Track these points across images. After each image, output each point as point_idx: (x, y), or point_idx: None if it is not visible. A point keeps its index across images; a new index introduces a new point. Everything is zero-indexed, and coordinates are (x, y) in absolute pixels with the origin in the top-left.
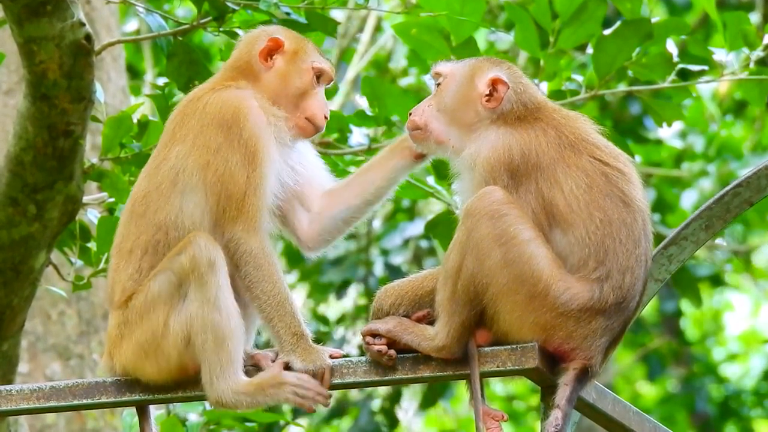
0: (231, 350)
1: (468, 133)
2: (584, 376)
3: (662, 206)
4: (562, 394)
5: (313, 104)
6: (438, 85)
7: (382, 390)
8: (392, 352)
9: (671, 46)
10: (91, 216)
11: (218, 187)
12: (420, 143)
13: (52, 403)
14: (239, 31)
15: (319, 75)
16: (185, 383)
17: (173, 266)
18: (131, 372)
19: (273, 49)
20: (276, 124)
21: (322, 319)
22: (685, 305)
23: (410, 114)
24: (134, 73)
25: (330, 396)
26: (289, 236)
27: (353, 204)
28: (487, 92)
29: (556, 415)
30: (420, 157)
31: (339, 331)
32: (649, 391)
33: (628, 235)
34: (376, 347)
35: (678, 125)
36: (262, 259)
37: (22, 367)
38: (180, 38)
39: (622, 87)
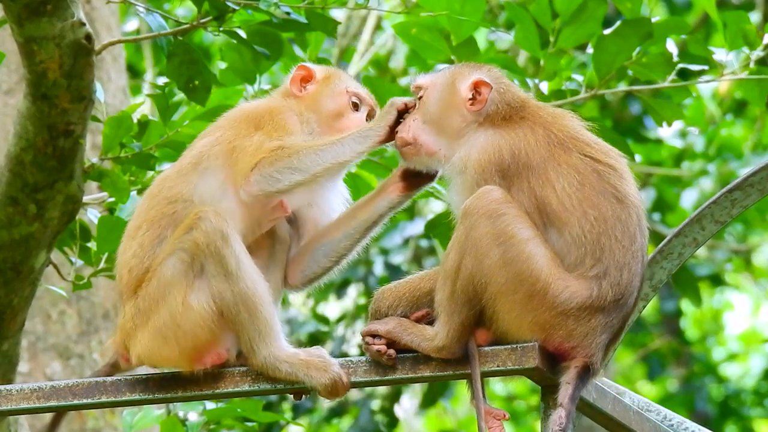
0: (266, 316)
1: (456, 139)
2: (586, 373)
3: (662, 205)
4: (565, 393)
5: (349, 126)
6: (420, 98)
7: (382, 389)
8: (392, 351)
9: (671, 46)
10: (92, 215)
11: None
12: (411, 159)
13: (52, 403)
14: (239, 31)
15: (356, 103)
16: (187, 383)
17: (183, 245)
18: (147, 361)
19: (305, 79)
20: (310, 131)
21: (322, 319)
22: (686, 305)
23: (397, 132)
24: (134, 72)
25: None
26: None
27: (333, 237)
28: (470, 96)
29: (559, 413)
30: (407, 190)
31: (339, 331)
32: (649, 390)
33: (623, 232)
34: (376, 347)
35: (678, 125)
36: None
37: (23, 367)
38: (180, 38)
39: (622, 86)
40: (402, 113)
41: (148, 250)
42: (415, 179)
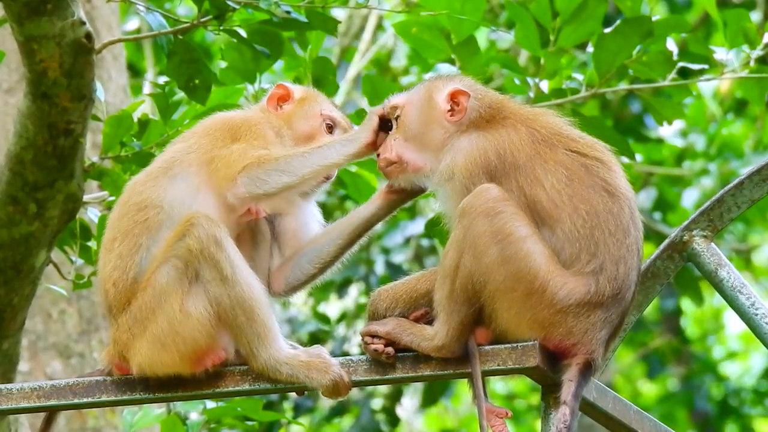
0: (263, 319)
1: (441, 150)
2: (587, 370)
3: (663, 205)
4: (568, 390)
5: None
6: (397, 118)
7: (383, 389)
8: (390, 349)
9: (672, 45)
10: (92, 215)
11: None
12: (397, 177)
13: (53, 402)
14: (240, 30)
15: (330, 125)
16: (187, 382)
17: (177, 252)
18: (148, 369)
19: (283, 98)
20: (285, 143)
21: (323, 318)
22: (686, 303)
23: (378, 155)
24: (135, 71)
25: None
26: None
27: (318, 243)
28: (449, 107)
29: (563, 411)
30: (394, 200)
31: (340, 330)
32: (649, 389)
33: (616, 225)
34: (374, 346)
35: (679, 124)
36: None
37: (23, 366)
38: (180, 37)
39: (623, 85)
40: (382, 118)
41: (128, 260)
42: (403, 191)
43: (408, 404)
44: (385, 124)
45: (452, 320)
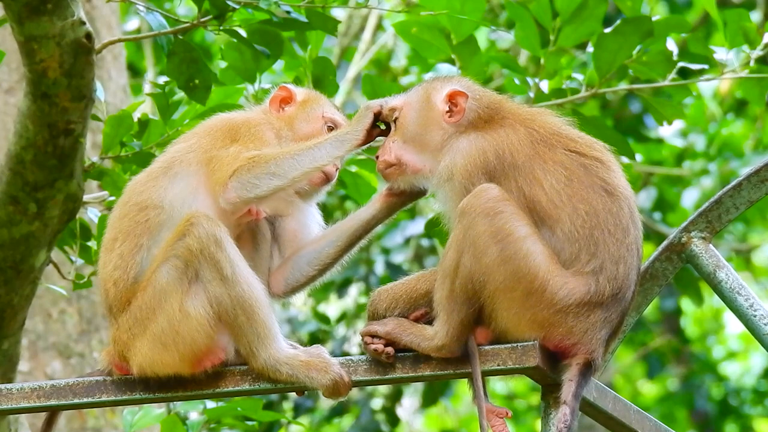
0: (264, 319)
1: (440, 151)
2: (588, 370)
3: (663, 205)
4: (568, 390)
5: None
6: (395, 120)
7: (383, 389)
8: (389, 349)
9: (672, 45)
10: (92, 214)
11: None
12: (397, 179)
13: (53, 402)
14: (240, 30)
15: (331, 128)
16: (187, 382)
17: (176, 252)
18: (149, 369)
19: (285, 100)
20: (284, 145)
21: (323, 318)
22: (686, 303)
23: (376, 157)
24: (135, 71)
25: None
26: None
27: (317, 245)
28: (447, 108)
29: (564, 411)
30: (393, 203)
31: (340, 330)
32: (649, 389)
33: (616, 225)
34: (374, 346)
35: (679, 124)
36: None
37: (23, 366)
38: (181, 37)
39: (623, 85)
40: (378, 116)
41: (129, 260)
42: (402, 193)
43: (408, 404)
44: (377, 120)
45: (452, 320)
